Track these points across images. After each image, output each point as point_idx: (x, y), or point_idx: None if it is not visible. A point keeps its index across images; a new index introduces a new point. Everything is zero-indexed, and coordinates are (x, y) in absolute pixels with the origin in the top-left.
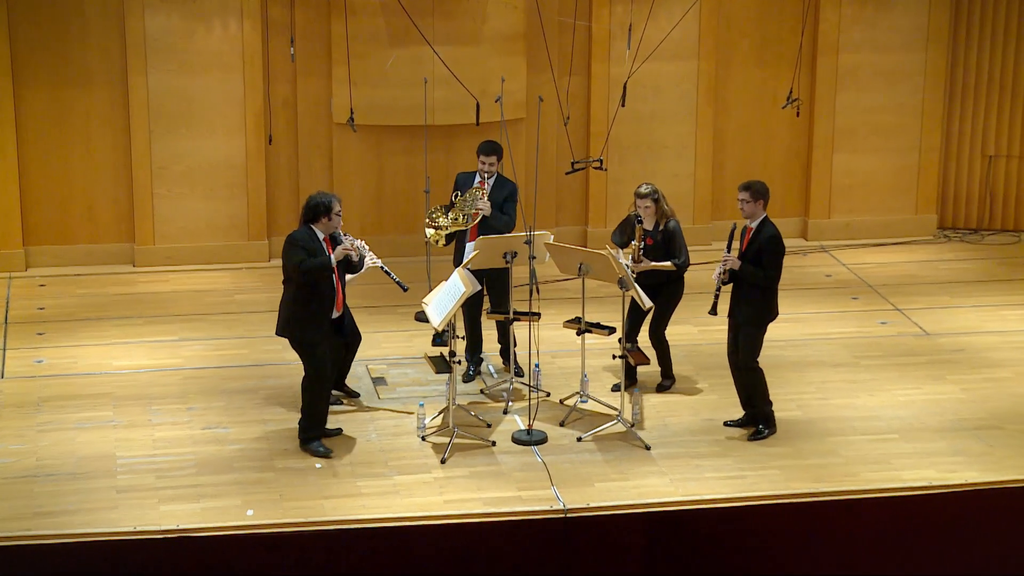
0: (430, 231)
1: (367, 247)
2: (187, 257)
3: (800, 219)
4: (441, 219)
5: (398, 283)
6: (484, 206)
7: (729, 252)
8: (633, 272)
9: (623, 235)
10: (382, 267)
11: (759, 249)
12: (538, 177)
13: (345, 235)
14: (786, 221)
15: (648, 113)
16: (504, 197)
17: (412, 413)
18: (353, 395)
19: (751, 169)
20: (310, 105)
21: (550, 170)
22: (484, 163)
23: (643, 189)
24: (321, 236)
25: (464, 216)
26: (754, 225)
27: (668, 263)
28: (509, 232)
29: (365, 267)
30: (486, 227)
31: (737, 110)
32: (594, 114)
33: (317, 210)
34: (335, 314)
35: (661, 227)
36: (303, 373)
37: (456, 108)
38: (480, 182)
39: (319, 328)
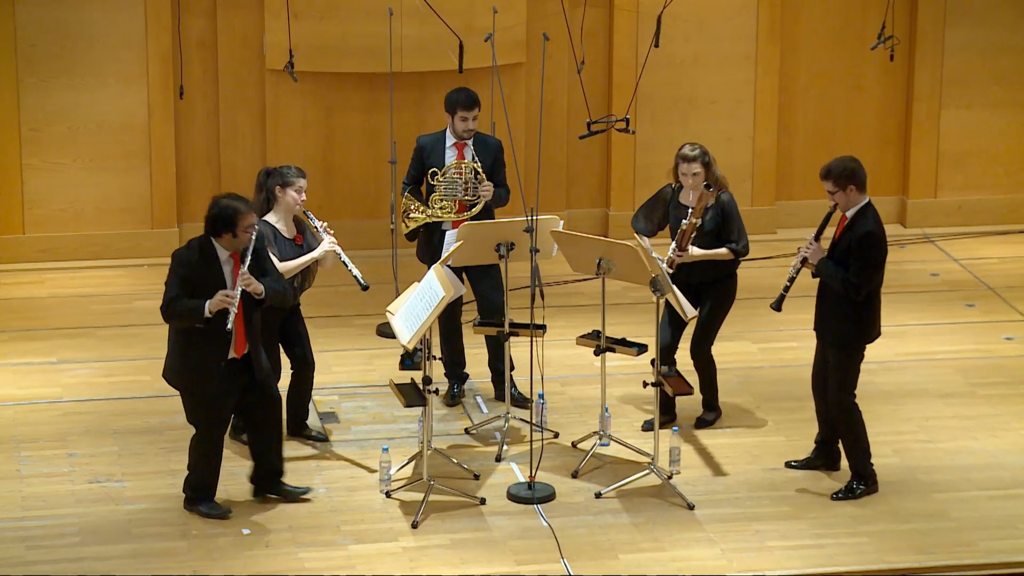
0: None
1: (330, 230)
2: (69, 251)
3: (897, 199)
4: (417, 214)
5: (357, 279)
6: (487, 191)
7: (817, 239)
8: (671, 267)
9: (652, 218)
10: (341, 256)
11: (847, 248)
12: (542, 143)
13: (309, 216)
14: (878, 201)
15: (690, 56)
16: (492, 162)
17: (376, 461)
18: (320, 439)
19: (829, 131)
20: (235, 46)
21: (558, 133)
22: (466, 119)
23: (689, 151)
24: (225, 255)
25: (450, 203)
26: (850, 214)
27: (723, 249)
28: (505, 204)
29: (323, 251)
30: (483, 209)
31: (810, 52)
32: (618, 57)
33: (216, 223)
34: (231, 355)
35: (711, 203)
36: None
37: (432, 50)
38: (458, 146)
39: (206, 381)
